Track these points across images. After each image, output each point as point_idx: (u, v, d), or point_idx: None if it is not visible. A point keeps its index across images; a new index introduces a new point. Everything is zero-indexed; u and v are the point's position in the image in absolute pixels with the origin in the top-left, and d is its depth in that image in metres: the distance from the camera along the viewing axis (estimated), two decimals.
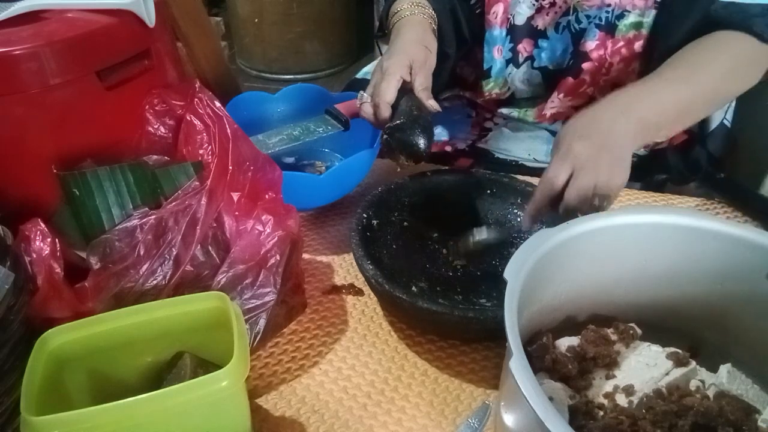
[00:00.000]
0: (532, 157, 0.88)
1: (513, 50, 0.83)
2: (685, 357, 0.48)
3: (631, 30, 0.75)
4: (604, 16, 0.75)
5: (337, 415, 0.53)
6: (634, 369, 0.48)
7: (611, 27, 0.75)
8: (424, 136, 0.61)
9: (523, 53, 0.83)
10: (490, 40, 0.82)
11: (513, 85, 0.86)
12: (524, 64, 0.84)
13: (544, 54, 0.82)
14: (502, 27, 0.81)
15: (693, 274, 0.50)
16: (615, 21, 0.75)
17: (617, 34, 0.75)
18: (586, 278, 0.52)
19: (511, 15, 0.80)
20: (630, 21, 0.74)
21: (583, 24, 0.77)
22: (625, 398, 0.46)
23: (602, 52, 0.77)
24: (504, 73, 0.85)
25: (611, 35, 0.76)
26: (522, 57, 0.83)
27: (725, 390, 0.46)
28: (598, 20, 0.75)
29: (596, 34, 0.76)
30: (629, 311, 0.53)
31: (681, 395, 0.45)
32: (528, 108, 0.87)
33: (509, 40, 0.82)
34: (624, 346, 0.50)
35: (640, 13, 0.73)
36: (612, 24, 0.75)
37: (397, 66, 0.65)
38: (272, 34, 2.75)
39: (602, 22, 0.75)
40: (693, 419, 0.42)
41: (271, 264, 0.54)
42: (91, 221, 0.52)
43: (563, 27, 0.79)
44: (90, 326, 0.45)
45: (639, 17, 0.74)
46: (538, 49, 0.82)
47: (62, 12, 0.54)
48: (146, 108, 0.57)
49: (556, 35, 0.80)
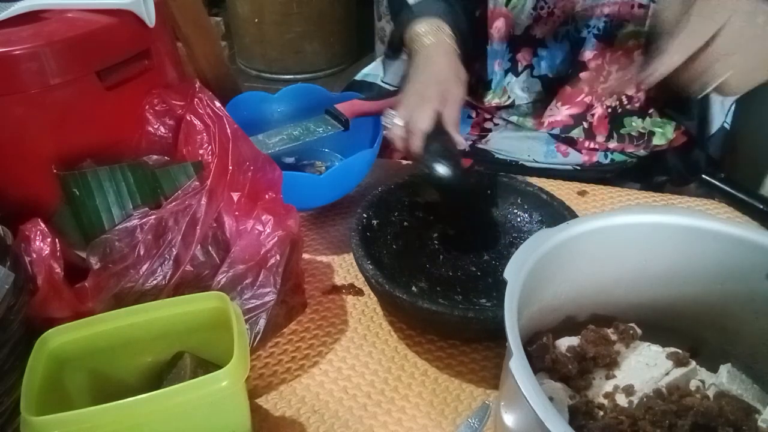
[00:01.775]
0: (531, 158, 0.88)
1: (512, 60, 0.83)
2: (685, 357, 0.48)
3: (630, 39, 0.75)
4: (602, 26, 0.75)
5: (337, 415, 0.53)
6: (634, 369, 0.48)
7: (610, 37, 0.76)
8: (452, 169, 0.62)
9: (522, 62, 0.83)
10: (491, 54, 0.83)
11: (513, 93, 0.86)
12: (523, 72, 0.84)
13: (544, 63, 0.82)
14: (503, 42, 0.81)
15: (693, 274, 0.50)
16: (614, 31, 0.75)
17: (616, 44, 0.76)
18: (586, 278, 0.52)
19: (512, 26, 0.80)
20: (629, 30, 0.74)
21: (582, 33, 0.77)
22: (625, 398, 0.46)
23: (600, 61, 0.77)
24: (503, 83, 0.85)
25: (610, 45, 0.76)
26: (521, 66, 0.83)
27: (725, 390, 0.46)
28: (597, 30, 0.76)
29: (594, 43, 0.76)
30: (629, 311, 0.53)
31: (681, 395, 0.45)
32: (528, 115, 0.88)
33: (508, 51, 0.82)
34: (624, 346, 0.50)
35: (638, 23, 0.74)
36: (611, 34, 0.75)
37: (435, 97, 0.65)
38: (272, 34, 2.75)
39: (600, 32, 0.76)
40: (693, 419, 0.42)
41: (271, 264, 0.54)
42: (91, 221, 0.52)
43: (562, 36, 0.79)
44: (90, 326, 0.45)
45: (638, 26, 0.74)
46: (537, 57, 0.82)
47: (62, 12, 0.54)
48: (146, 108, 0.57)
49: (555, 44, 0.80)
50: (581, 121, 0.84)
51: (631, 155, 0.87)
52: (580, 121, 0.84)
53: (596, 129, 0.84)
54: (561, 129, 0.85)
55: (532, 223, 0.70)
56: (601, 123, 0.84)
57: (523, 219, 0.71)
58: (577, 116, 0.84)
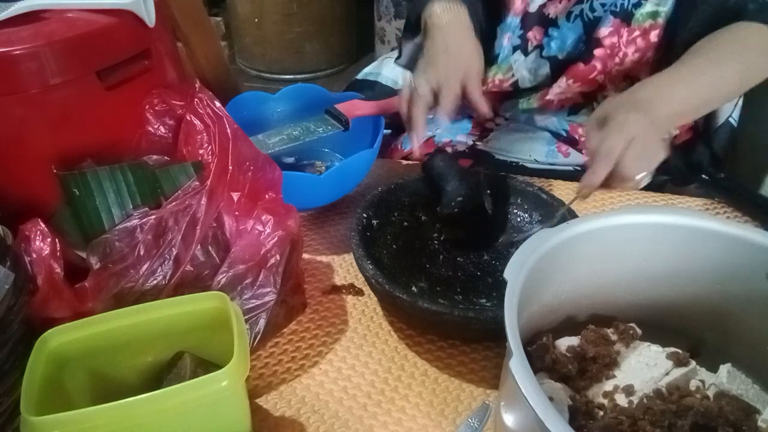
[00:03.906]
0: (532, 158, 0.88)
1: (522, 37, 0.82)
2: (685, 357, 0.48)
3: (647, 19, 0.74)
4: (620, 3, 0.75)
5: (337, 415, 0.53)
6: (634, 369, 0.48)
7: (627, 15, 0.75)
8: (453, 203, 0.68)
9: (533, 41, 0.82)
10: (502, 29, 0.82)
11: (518, 73, 0.85)
12: (533, 52, 0.83)
13: (554, 43, 0.81)
14: (517, 15, 0.81)
15: (693, 274, 0.50)
16: (632, 9, 0.74)
17: (633, 23, 0.75)
18: (586, 278, 0.52)
19: (528, 2, 0.80)
20: (647, 10, 0.74)
21: (597, 12, 0.76)
22: (625, 398, 0.46)
23: (615, 39, 0.76)
24: (510, 60, 0.84)
25: (627, 24, 0.75)
26: (531, 45, 0.82)
27: (725, 390, 0.46)
28: (614, 7, 0.75)
29: (611, 20, 0.75)
30: (629, 311, 0.53)
31: (681, 395, 0.45)
32: (533, 94, 0.86)
33: (520, 27, 0.82)
34: (624, 346, 0.50)
35: (657, 2, 0.73)
36: (628, 12, 0.74)
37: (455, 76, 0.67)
38: (272, 34, 2.75)
39: (618, 9, 0.75)
40: (693, 419, 0.42)
41: (271, 264, 0.54)
42: (91, 221, 0.52)
43: (575, 16, 0.78)
44: (90, 326, 0.45)
45: (656, 6, 0.73)
46: (548, 38, 0.81)
47: (62, 12, 0.54)
48: (146, 108, 0.57)
49: (567, 24, 0.79)
50: (591, 101, 0.83)
51: None
52: (590, 101, 0.83)
53: None
54: (569, 108, 0.84)
55: (532, 223, 0.70)
56: None
57: (523, 219, 0.71)
58: (587, 95, 0.82)
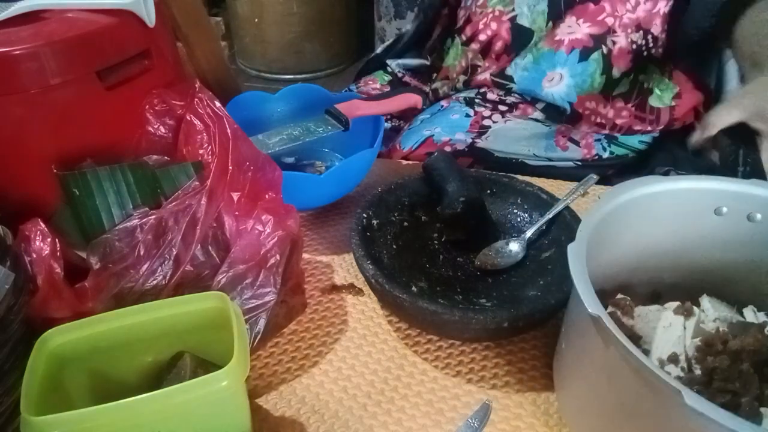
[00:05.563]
0: (532, 153, 0.87)
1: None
2: (689, 306, 0.48)
3: None
4: None
5: (337, 415, 0.53)
6: (657, 336, 0.47)
7: None
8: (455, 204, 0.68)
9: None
10: None
11: (518, 8, 0.84)
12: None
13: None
14: None
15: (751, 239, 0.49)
16: None
17: None
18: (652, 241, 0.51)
19: None
20: None
21: None
22: (675, 368, 0.44)
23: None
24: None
25: None
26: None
27: (728, 319, 0.46)
28: None
29: None
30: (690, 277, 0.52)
31: (723, 341, 0.44)
32: (539, 41, 0.85)
33: None
34: (629, 318, 0.49)
35: None
36: None
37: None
38: (272, 34, 2.75)
39: None
40: (752, 358, 0.42)
41: (271, 264, 0.54)
42: (91, 221, 0.52)
43: None
44: (90, 326, 0.45)
45: None
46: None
47: (62, 12, 0.54)
48: (146, 108, 0.57)
49: None
50: (601, 45, 0.82)
51: (631, 149, 0.86)
52: (599, 44, 0.82)
53: (615, 60, 0.82)
54: (580, 52, 0.83)
55: (532, 223, 0.70)
56: (622, 55, 0.81)
57: (523, 219, 0.71)
58: (597, 37, 0.82)
